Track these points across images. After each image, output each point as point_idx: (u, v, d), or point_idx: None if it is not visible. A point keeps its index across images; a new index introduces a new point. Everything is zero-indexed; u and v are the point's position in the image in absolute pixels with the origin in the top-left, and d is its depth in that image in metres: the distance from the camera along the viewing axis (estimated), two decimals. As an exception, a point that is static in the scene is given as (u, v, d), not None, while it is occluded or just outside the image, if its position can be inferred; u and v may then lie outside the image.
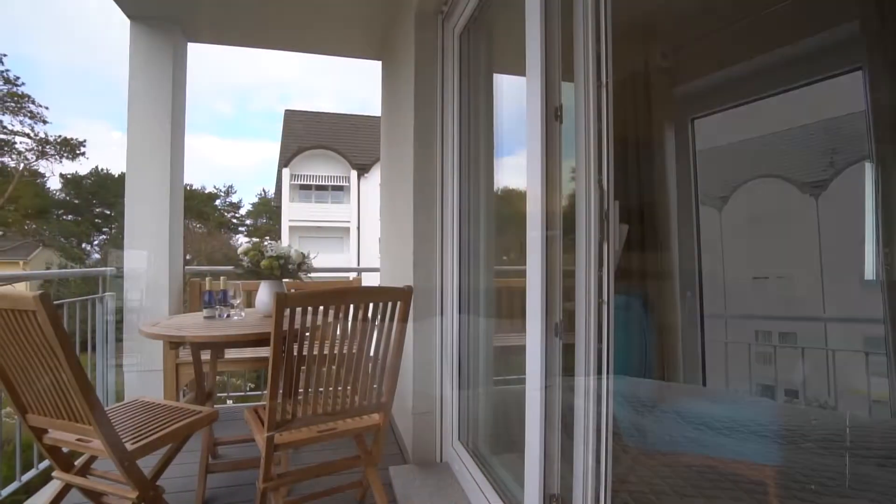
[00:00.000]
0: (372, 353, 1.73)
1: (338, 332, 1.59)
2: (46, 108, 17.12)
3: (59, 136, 17.31)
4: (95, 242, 23.85)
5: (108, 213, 24.47)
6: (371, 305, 1.63)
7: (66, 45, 46.37)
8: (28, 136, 16.60)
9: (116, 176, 24.70)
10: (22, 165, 17.04)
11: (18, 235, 19.84)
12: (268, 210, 29.12)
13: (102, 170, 25.08)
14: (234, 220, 30.43)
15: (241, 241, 26.64)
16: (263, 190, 31.93)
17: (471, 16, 2.13)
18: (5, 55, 15.65)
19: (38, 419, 1.59)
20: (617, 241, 1.24)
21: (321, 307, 1.51)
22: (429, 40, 2.40)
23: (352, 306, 1.59)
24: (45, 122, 16.83)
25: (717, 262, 2.58)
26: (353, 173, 21.10)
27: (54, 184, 22.63)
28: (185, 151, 3.57)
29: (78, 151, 17.81)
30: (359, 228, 20.99)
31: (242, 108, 61.14)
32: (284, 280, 2.32)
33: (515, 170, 1.99)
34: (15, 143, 16.54)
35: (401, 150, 2.73)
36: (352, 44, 3.71)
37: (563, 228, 1.38)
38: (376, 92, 3.82)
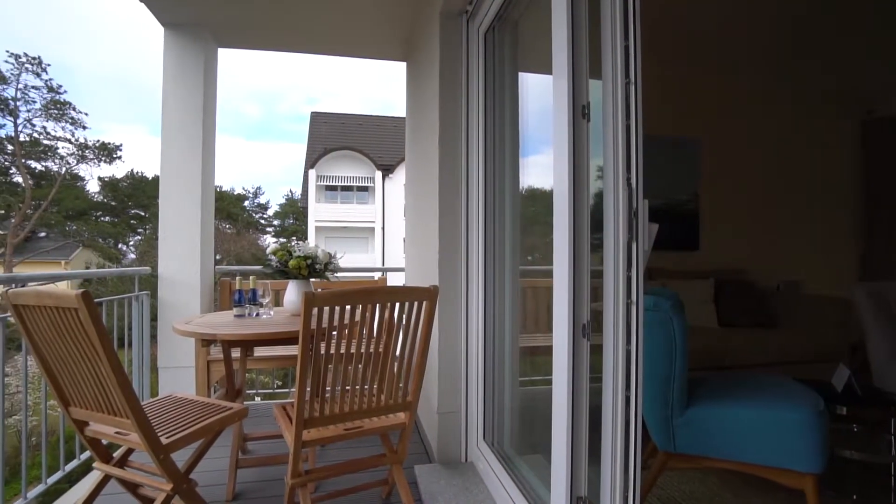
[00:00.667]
0: (398, 353, 1.74)
1: (364, 332, 1.60)
2: (86, 114, 17.86)
3: (98, 141, 18.00)
4: (131, 243, 24.70)
5: (143, 214, 25.30)
6: (397, 305, 1.64)
7: (104, 53, 48.20)
8: (69, 141, 17.33)
9: (150, 178, 25.53)
10: (63, 169, 17.78)
11: (61, 236, 20.71)
12: (294, 211, 29.63)
13: (137, 173, 25.97)
14: (262, 221, 31.06)
15: (269, 241, 27.20)
16: (290, 191, 32.54)
17: (496, 14, 2.12)
18: (49, 65, 16.32)
19: (79, 412, 1.66)
20: (647, 241, 1.22)
21: (348, 306, 1.53)
22: (453, 40, 2.40)
23: (378, 306, 1.60)
24: (84, 127, 17.54)
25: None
26: (378, 174, 21.29)
27: (93, 187, 23.60)
28: (215, 154, 3.67)
29: (115, 155, 18.52)
30: (383, 228, 21.16)
31: (270, 111, 62.52)
32: (312, 279, 2.36)
33: (541, 168, 1.98)
34: (57, 148, 17.29)
35: (426, 150, 2.74)
36: (377, 46, 3.75)
37: (591, 227, 1.37)
38: (400, 93, 3.86)
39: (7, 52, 20.36)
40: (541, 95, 1.95)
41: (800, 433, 1.61)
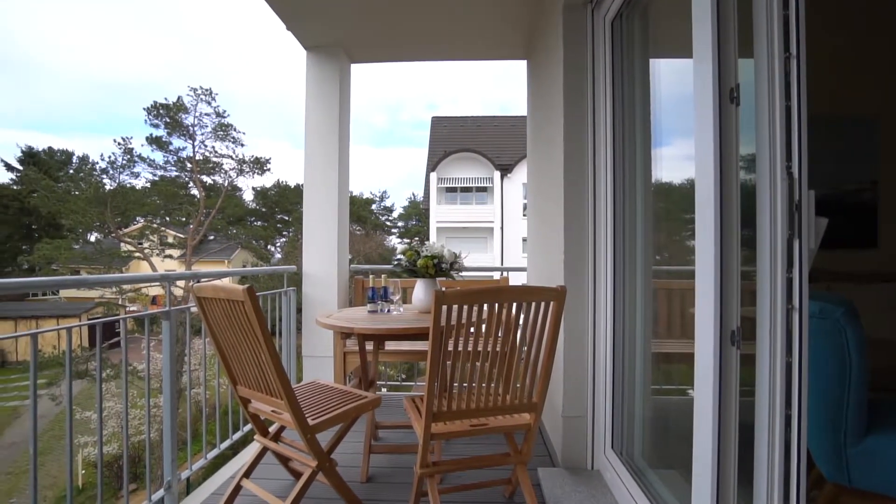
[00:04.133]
0: (523, 353, 1.73)
1: (491, 331, 1.62)
2: (243, 133, 20.54)
3: (252, 156, 20.60)
4: (278, 244, 27.98)
5: (287, 218, 28.52)
6: (524, 305, 1.63)
7: (256, 78, 55.53)
8: (231, 157, 20.11)
9: (293, 187, 28.66)
10: (227, 182, 20.71)
11: (224, 239, 24.25)
12: (417, 212, 31.11)
13: (282, 182, 29.37)
14: (388, 223, 33.11)
15: (394, 241, 28.93)
16: (413, 194, 34.25)
17: (624, 0, 2.00)
18: (217, 94, 19.12)
19: (244, 391, 1.92)
20: (813, 238, 1.06)
21: (476, 305, 1.56)
22: (577, 31, 2.32)
23: (505, 305, 1.61)
24: (242, 145, 20.21)
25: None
26: (496, 174, 21.43)
27: (248, 196, 27.28)
28: (349, 162, 3.98)
29: (265, 168, 21.00)
30: (502, 228, 21.24)
31: (394, 119, 66.60)
32: (438, 278, 2.45)
33: (678, 161, 1.82)
34: (222, 164, 20.19)
35: (549, 147, 2.69)
36: (498, 46, 3.77)
37: (741, 223, 1.22)
38: (516, 92, 3.85)
39: (188, 86, 24.34)
40: (677, 82, 1.80)
41: None
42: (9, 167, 25.27)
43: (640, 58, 2.09)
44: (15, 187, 24.85)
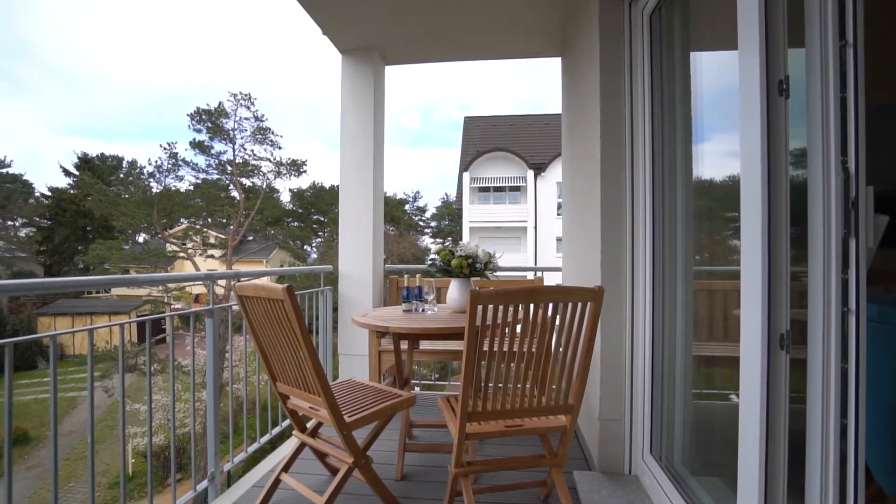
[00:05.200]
0: (560, 354, 1.71)
1: (527, 331, 1.60)
2: (281, 136, 21.06)
3: (289, 159, 21.10)
4: (314, 244, 28.59)
5: (323, 219, 29.10)
6: (560, 305, 1.61)
7: (293, 82, 57.15)
8: (269, 160, 20.66)
9: (328, 188, 29.23)
10: (265, 184, 21.29)
11: (263, 239, 24.97)
12: (450, 212, 31.17)
13: (318, 183, 30.00)
14: (421, 223, 33.31)
15: (427, 241, 29.09)
16: (446, 194, 34.34)
17: (664, -8, 1.95)
18: (256, 98, 19.69)
19: (283, 387, 1.96)
20: (871, 237, 1.00)
21: (511, 305, 1.55)
22: (614, 26, 2.27)
23: (541, 305, 1.59)
24: (279, 147, 20.76)
25: None
26: (530, 173, 21.22)
27: (285, 197, 27.98)
28: (384, 163, 4.02)
29: (301, 169, 21.48)
30: (535, 228, 21.02)
31: (426, 120, 67.11)
32: (472, 278, 2.44)
33: (720, 157, 1.76)
34: (261, 167, 20.77)
35: (585, 146, 2.64)
36: (532, 44, 3.73)
37: (790, 221, 1.17)
38: (550, 90, 3.80)
39: (229, 92, 25.21)
40: (720, 76, 1.74)
41: None
42: (66, 172, 26.89)
43: (680, 51, 2.02)
44: (72, 191, 26.36)
